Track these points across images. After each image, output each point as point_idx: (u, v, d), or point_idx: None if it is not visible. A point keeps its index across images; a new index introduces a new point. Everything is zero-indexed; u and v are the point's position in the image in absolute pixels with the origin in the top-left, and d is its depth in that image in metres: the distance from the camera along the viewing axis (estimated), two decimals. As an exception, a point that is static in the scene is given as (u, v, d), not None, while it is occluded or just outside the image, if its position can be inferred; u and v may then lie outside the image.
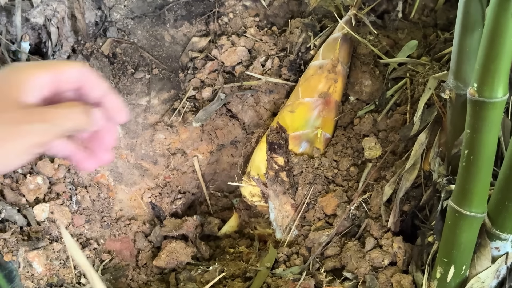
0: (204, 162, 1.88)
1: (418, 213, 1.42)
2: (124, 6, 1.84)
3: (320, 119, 1.64)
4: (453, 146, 1.30)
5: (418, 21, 1.83)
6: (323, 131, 1.63)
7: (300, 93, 1.68)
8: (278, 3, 1.90)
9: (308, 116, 1.64)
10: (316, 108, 1.64)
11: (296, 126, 1.64)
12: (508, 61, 0.95)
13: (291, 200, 1.56)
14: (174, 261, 1.61)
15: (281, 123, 1.57)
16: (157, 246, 1.72)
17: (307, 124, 1.64)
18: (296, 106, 1.66)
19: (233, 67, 1.84)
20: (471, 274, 1.20)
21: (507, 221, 1.14)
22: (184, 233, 1.70)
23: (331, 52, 1.68)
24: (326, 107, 1.64)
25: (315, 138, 1.63)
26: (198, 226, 1.74)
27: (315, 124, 1.64)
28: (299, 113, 1.65)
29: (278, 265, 1.47)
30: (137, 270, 1.65)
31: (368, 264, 1.37)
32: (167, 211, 1.84)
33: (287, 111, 1.67)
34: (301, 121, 1.64)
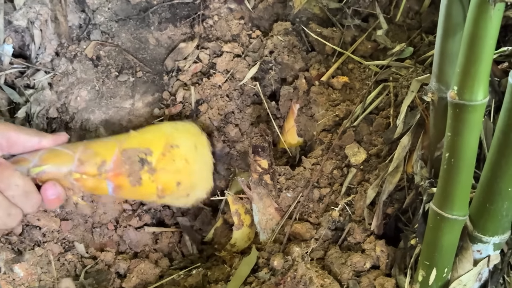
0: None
1: (401, 216, 1.42)
2: (108, 8, 1.83)
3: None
4: (436, 149, 1.30)
5: (403, 24, 1.83)
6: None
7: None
8: (263, 6, 1.89)
9: None
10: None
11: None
12: (488, 64, 0.95)
13: (274, 204, 1.56)
14: (143, 282, 1.60)
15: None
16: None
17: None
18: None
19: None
20: (453, 277, 1.20)
21: (489, 224, 1.15)
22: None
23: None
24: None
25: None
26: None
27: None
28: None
29: (261, 268, 1.47)
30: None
31: (351, 269, 1.36)
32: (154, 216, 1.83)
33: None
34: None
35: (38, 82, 1.76)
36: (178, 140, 1.58)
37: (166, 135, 1.58)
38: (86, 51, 1.82)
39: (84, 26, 1.83)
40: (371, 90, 1.63)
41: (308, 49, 1.84)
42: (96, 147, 1.49)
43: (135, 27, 1.87)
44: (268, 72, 1.82)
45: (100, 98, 1.80)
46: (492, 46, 0.93)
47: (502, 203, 1.10)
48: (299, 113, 1.74)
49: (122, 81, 1.83)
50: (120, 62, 1.85)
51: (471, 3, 0.91)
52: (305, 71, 1.78)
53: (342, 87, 1.70)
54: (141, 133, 1.59)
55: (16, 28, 1.76)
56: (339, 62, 1.75)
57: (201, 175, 1.66)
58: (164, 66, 1.88)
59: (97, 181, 1.45)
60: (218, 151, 1.82)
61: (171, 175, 1.55)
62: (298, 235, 1.52)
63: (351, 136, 1.58)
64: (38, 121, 1.75)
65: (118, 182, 1.47)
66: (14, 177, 1.28)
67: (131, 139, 1.54)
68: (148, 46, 1.88)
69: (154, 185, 1.52)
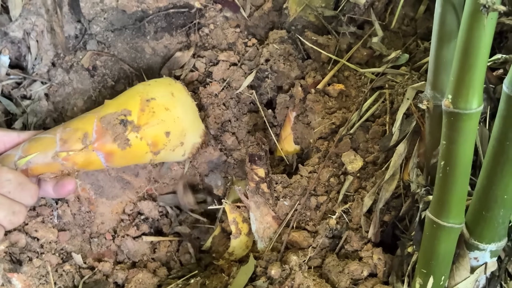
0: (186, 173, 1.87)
1: (398, 224, 1.43)
2: (104, 18, 1.83)
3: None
4: (432, 156, 1.31)
5: (398, 31, 1.83)
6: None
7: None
8: (258, 14, 1.89)
9: None
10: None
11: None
12: (482, 72, 0.95)
13: (272, 212, 1.56)
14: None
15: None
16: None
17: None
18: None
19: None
20: (450, 284, 1.21)
21: (485, 231, 1.15)
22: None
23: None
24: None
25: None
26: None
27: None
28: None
29: (258, 277, 1.47)
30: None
31: (348, 277, 1.36)
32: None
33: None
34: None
35: (34, 92, 1.77)
36: (153, 93, 1.56)
37: (140, 92, 1.57)
38: (82, 61, 1.82)
39: (80, 36, 1.83)
40: (367, 98, 1.63)
41: (303, 57, 1.84)
42: (75, 123, 1.50)
43: (131, 36, 1.87)
44: (264, 80, 1.82)
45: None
46: (486, 54, 0.94)
47: (498, 211, 1.10)
48: (295, 121, 1.75)
49: (118, 90, 1.83)
50: (116, 71, 1.85)
51: (464, 12, 0.91)
52: (301, 79, 1.78)
53: (338, 95, 1.71)
54: (116, 99, 1.59)
55: (12, 39, 1.76)
56: (335, 70, 1.75)
57: (187, 119, 1.63)
58: (161, 75, 1.89)
59: (87, 155, 1.47)
60: (215, 160, 1.83)
61: (157, 127, 1.54)
62: (295, 243, 1.52)
63: (348, 144, 1.58)
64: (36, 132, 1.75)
65: (107, 150, 1.48)
66: (3, 172, 1.29)
67: (106, 107, 1.54)
68: (144, 56, 1.88)
69: (144, 142, 1.52)
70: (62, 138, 1.44)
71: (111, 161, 1.50)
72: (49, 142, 1.43)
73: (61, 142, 1.43)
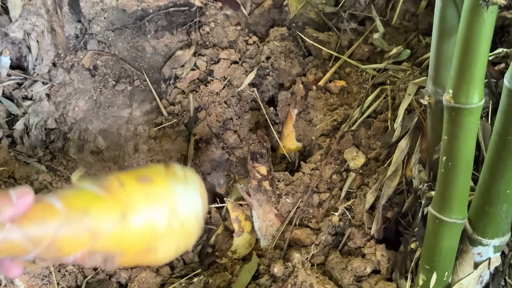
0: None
1: (401, 220, 1.42)
2: (104, 18, 1.83)
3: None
4: (434, 152, 1.30)
5: (400, 26, 1.83)
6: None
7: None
8: (259, 12, 1.89)
9: None
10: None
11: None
12: (482, 66, 0.95)
13: (274, 210, 1.55)
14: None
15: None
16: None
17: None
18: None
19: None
20: (453, 280, 1.20)
21: (488, 227, 1.14)
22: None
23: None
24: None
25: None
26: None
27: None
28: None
29: (262, 275, 1.46)
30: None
31: (352, 274, 1.36)
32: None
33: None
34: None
35: (36, 93, 1.77)
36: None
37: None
38: (83, 61, 1.82)
39: (80, 36, 1.83)
40: (368, 94, 1.63)
41: (304, 54, 1.84)
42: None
43: (132, 35, 1.87)
44: (265, 78, 1.82)
45: (98, 107, 1.80)
46: (487, 49, 0.93)
47: (501, 206, 1.10)
48: (297, 118, 1.74)
49: (119, 90, 1.83)
50: (117, 71, 1.85)
51: (464, 6, 0.91)
52: (302, 76, 1.78)
53: (339, 91, 1.70)
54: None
55: (13, 40, 1.76)
56: (336, 67, 1.75)
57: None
58: (162, 74, 1.88)
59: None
60: (217, 158, 1.82)
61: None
62: (298, 240, 1.51)
63: (350, 140, 1.57)
64: (37, 132, 1.75)
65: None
66: None
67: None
68: (145, 55, 1.88)
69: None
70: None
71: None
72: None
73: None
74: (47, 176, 1.72)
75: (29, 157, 1.73)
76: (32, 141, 1.75)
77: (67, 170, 1.75)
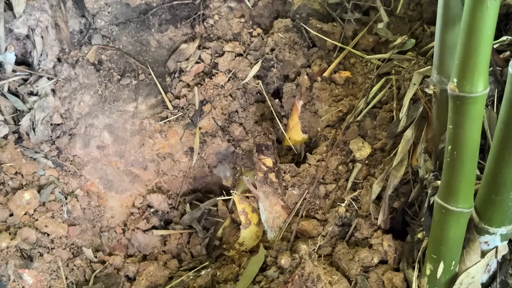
0: (195, 165, 1.87)
1: (407, 210, 1.42)
2: (108, 12, 1.83)
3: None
4: (440, 141, 1.30)
5: (404, 16, 1.82)
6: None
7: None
8: (262, 4, 1.88)
9: None
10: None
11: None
12: (487, 55, 0.94)
13: (280, 202, 1.55)
14: (153, 285, 1.60)
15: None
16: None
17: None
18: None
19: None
20: (460, 269, 1.20)
21: (495, 215, 1.14)
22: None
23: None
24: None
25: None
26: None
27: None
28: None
29: (269, 267, 1.47)
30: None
31: (359, 265, 1.36)
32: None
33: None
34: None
35: (41, 88, 1.77)
36: None
37: None
38: (87, 56, 1.82)
39: (85, 31, 1.83)
40: (373, 84, 1.62)
41: (309, 45, 1.84)
42: None
43: (136, 30, 1.87)
44: (270, 69, 1.82)
45: (103, 102, 1.80)
46: (491, 36, 0.92)
47: (507, 194, 1.09)
48: (302, 109, 1.74)
49: (124, 84, 1.83)
50: (122, 65, 1.85)
51: (467, -6, 0.90)
52: (307, 68, 1.77)
53: (344, 82, 1.70)
54: None
55: (17, 35, 1.76)
56: (341, 57, 1.74)
57: None
58: (166, 68, 1.88)
59: None
60: (223, 151, 1.82)
61: None
62: (305, 232, 1.51)
63: (355, 131, 1.57)
64: (43, 127, 1.75)
65: None
66: None
67: None
68: (150, 49, 1.88)
69: None
70: None
71: None
72: None
73: None
74: (54, 171, 1.72)
75: (35, 153, 1.73)
76: (38, 136, 1.75)
77: (73, 165, 1.75)
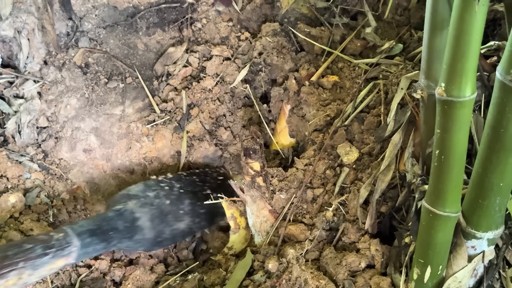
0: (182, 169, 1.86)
1: (395, 214, 1.42)
2: (95, 15, 1.83)
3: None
4: (427, 146, 1.30)
5: (392, 21, 1.82)
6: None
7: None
8: (251, 7, 1.88)
9: None
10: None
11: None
12: (474, 59, 0.94)
13: (268, 206, 1.55)
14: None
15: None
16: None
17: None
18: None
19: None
20: (448, 274, 1.20)
21: (482, 220, 1.14)
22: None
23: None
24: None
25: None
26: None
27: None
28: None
29: (256, 271, 1.46)
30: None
31: (346, 269, 1.36)
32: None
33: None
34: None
35: (27, 91, 1.76)
36: None
37: None
38: (74, 58, 1.81)
39: (72, 33, 1.82)
40: (361, 89, 1.63)
41: (297, 49, 1.84)
42: None
43: (123, 33, 1.86)
44: (258, 73, 1.82)
45: (90, 105, 1.79)
46: (478, 41, 0.93)
47: (494, 199, 1.10)
48: (290, 113, 1.74)
49: (111, 87, 1.82)
50: (109, 68, 1.84)
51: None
52: (294, 72, 1.77)
53: (332, 87, 1.70)
54: None
55: (3, 38, 1.75)
56: (329, 62, 1.74)
57: None
58: (154, 71, 1.88)
59: None
60: (211, 155, 1.82)
61: None
62: (292, 236, 1.51)
63: (343, 135, 1.57)
64: (29, 130, 1.74)
65: None
66: None
67: None
68: (137, 52, 1.88)
69: None
70: None
71: None
72: None
73: None
74: (40, 174, 1.71)
75: (21, 156, 1.72)
76: (24, 139, 1.74)
77: (59, 169, 1.74)
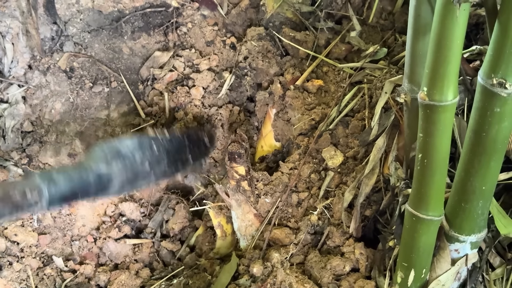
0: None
1: (379, 218, 1.42)
2: (80, 19, 1.82)
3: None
4: (411, 150, 1.31)
5: (376, 25, 1.83)
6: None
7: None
8: (236, 12, 1.89)
9: None
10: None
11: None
12: (456, 64, 0.95)
13: (253, 210, 1.55)
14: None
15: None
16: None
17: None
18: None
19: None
20: (431, 277, 1.21)
21: (465, 223, 1.15)
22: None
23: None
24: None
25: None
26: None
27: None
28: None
29: (241, 275, 1.46)
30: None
31: (331, 273, 1.36)
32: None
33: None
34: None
35: (11, 96, 1.75)
36: None
37: None
38: (59, 63, 1.80)
39: (56, 38, 1.82)
40: (346, 93, 1.63)
41: (282, 54, 1.84)
42: None
43: (108, 37, 1.86)
44: (243, 78, 1.82)
45: (75, 110, 1.79)
46: (460, 46, 0.93)
47: (477, 202, 1.10)
48: (275, 117, 1.74)
49: (96, 92, 1.82)
50: (94, 73, 1.84)
51: (436, 3, 0.91)
52: (280, 76, 1.78)
53: (317, 91, 1.70)
54: None
55: (-13, 42, 1.74)
56: (313, 66, 1.75)
57: None
58: (139, 75, 1.87)
59: None
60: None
61: None
62: (277, 240, 1.51)
63: (328, 139, 1.57)
64: (13, 135, 1.73)
65: None
66: None
67: None
68: (122, 56, 1.87)
69: None
70: None
71: None
72: None
73: None
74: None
75: (5, 161, 1.71)
76: (9, 144, 1.73)
77: (44, 173, 1.74)
